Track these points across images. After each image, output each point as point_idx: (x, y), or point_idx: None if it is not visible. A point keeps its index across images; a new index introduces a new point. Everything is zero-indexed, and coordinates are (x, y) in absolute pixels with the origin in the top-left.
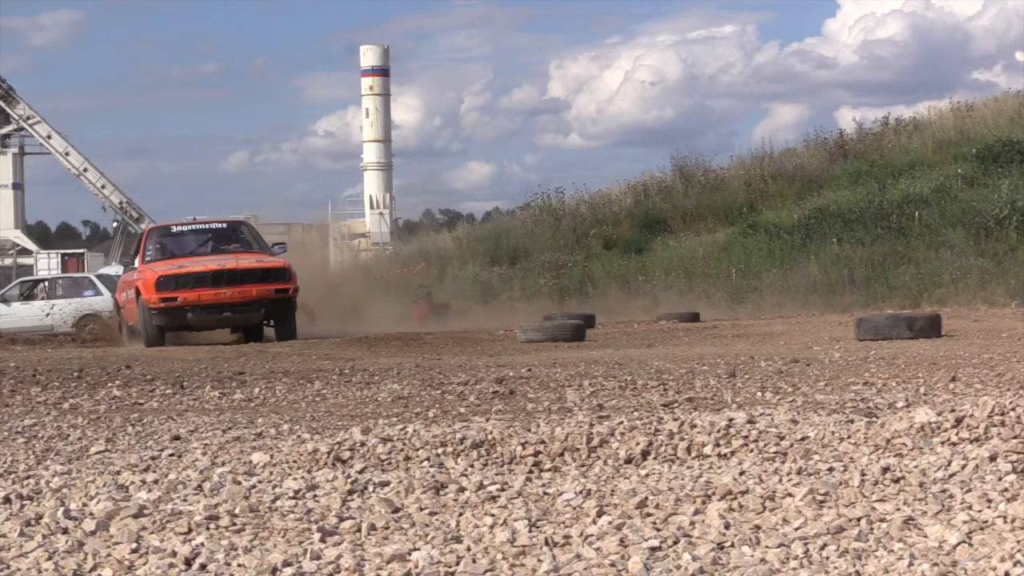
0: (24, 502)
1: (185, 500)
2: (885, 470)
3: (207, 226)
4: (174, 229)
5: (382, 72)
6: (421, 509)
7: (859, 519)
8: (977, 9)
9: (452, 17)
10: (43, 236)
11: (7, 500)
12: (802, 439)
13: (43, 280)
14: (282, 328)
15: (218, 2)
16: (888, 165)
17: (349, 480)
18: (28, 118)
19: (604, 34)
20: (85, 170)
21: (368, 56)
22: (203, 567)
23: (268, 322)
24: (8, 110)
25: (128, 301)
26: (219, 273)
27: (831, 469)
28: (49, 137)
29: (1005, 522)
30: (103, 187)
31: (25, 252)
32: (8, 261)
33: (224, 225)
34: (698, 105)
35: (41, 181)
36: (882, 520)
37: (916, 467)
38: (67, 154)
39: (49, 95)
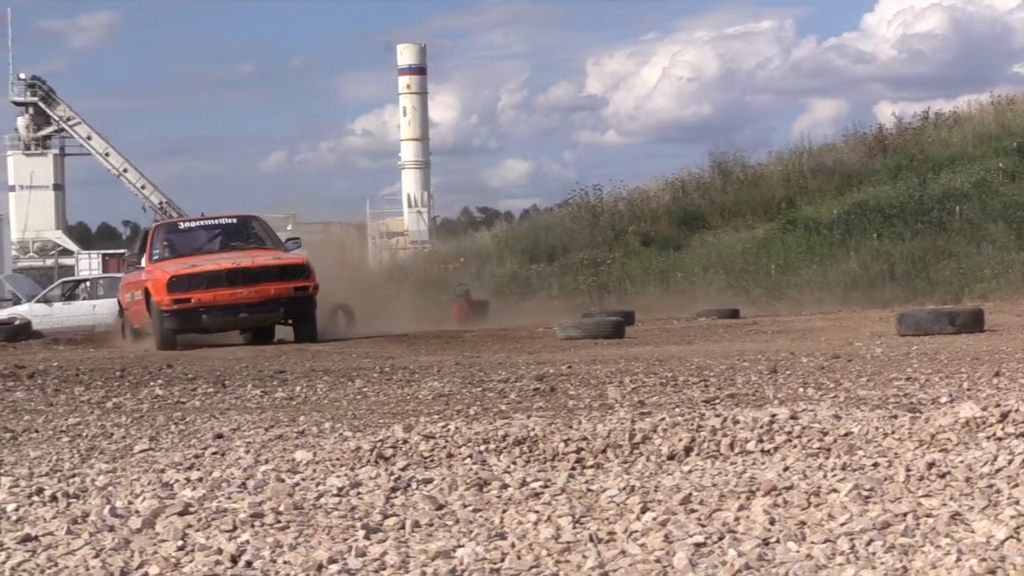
0: (70, 500)
1: (230, 498)
2: (930, 465)
3: (216, 221)
4: (181, 226)
5: (419, 71)
6: (465, 506)
7: (905, 514)
8: (1017, 1)
9: (488, 15)
10: (84, 236)
11: (54, 498)
12: (846, 435)
13: (84, 280)
14: (302, 329)
15: (255, 3)
16: (928, 159)
17: (392, 477)
18: (68, 119)
19: (641, 30)
20: (125, 171)
21: (405, 55)
22: (249, 564)
23: (286, 322)
24: (48, 111)
25: (134, 303)
26: (234, 272)
27: (876, 465)
28: (89, 138)
29: None
30: (143, 187)
31: (66, 253)
32: (50, 262)
33: (234, 220)
34: (736, 101)
35: (81, 182)
36: (928, 515)
37: (962, 462)
38: (107, 155)
39: (88, 96)
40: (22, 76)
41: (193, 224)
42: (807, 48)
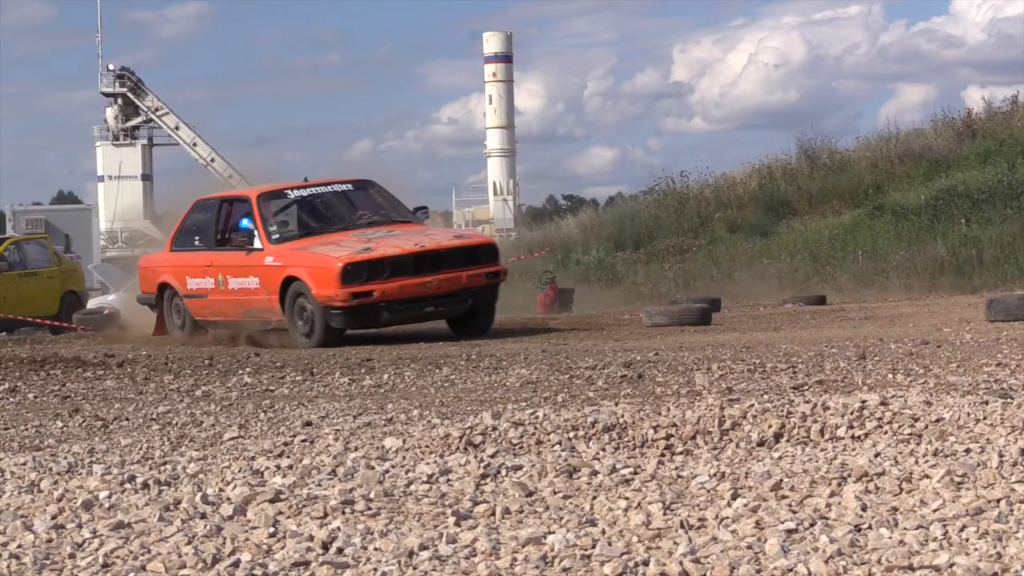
0: (162, 488)
1: (320, 485)
2: None
3: (329, 188)
4: (291, 194)
5: (505, 59)
6: (555, 493)
7: (999, 500)
8: None
9: (575, 2)
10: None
11: (145, 486)
12: (937, 420)
13: None
14: (481, 320)
15: None
16: (1018, 144)
17: (482, 464)
18: (156, 110)
19: (728, 17)
20: (212, 160)
21: (491, 43)
22: (340, 551)
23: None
24: (137, 102)
25: (209, 291)
26: (421, 256)
27: (968, 450)
28: (177, 128)
29: None
30: (230, 177)
31: (155, 243)
32: (138, 251)
33: (350, 187)
34: (823, 87)
35: (168, 172)
36: (1022, 501)
37: None
38: (195, 145)
39: (176, 87)
40: (111, 67)
41: (304, 192)
42: (895, 33)
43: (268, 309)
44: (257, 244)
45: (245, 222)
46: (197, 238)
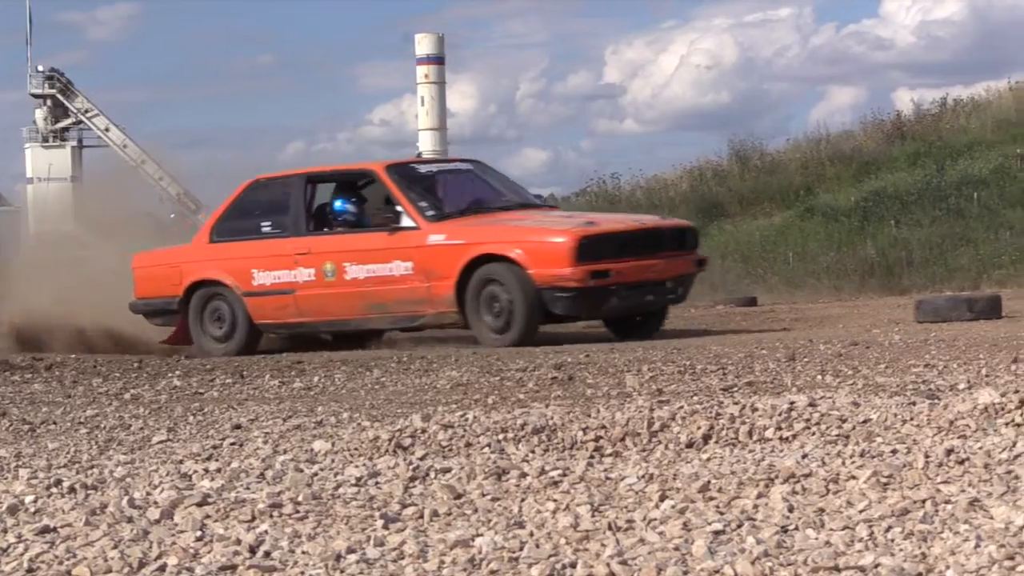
0: (88, 491)
1: (248, 488)
2: (949, 452)
3: (452, 166)
4: (422, 169)
5: (437, 60)
6: (483, 495)
7: (924, 501)
8: None
9: (508, 4)
10: None
11: (72, 490)
12: (864, 421)
13: None
14: (659, 316)
15: None
16: (946, 146)
17: (411, 467)
18: (86, 111)
19: (659, 18)
20: (143, 162)
21: (423, 44)
22: (267, 554)
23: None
24: (66, 103)
25: (323, 284)
26: (650, 234)
27: (894, 451)
28: (107, 130)
29: None
30: (160, 179)
31: (84, 244)
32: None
33: (470, 166)
34: (754, 88)
35: (92, 173)
36: (947, 502)
37: (980, 448)
38: (125, 147)
39: (107, 88)
40: (40, 68)
41: (435, 168)
42: (826, 35)
43: (423, 300)
44: (407, 222)
45: (339, 203)
46: (267, 224)
